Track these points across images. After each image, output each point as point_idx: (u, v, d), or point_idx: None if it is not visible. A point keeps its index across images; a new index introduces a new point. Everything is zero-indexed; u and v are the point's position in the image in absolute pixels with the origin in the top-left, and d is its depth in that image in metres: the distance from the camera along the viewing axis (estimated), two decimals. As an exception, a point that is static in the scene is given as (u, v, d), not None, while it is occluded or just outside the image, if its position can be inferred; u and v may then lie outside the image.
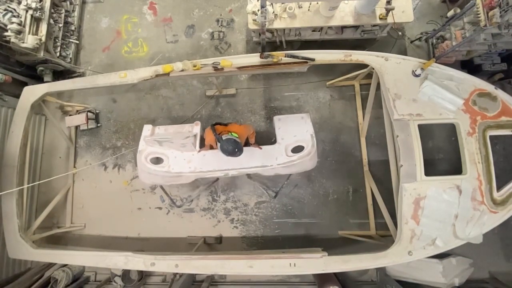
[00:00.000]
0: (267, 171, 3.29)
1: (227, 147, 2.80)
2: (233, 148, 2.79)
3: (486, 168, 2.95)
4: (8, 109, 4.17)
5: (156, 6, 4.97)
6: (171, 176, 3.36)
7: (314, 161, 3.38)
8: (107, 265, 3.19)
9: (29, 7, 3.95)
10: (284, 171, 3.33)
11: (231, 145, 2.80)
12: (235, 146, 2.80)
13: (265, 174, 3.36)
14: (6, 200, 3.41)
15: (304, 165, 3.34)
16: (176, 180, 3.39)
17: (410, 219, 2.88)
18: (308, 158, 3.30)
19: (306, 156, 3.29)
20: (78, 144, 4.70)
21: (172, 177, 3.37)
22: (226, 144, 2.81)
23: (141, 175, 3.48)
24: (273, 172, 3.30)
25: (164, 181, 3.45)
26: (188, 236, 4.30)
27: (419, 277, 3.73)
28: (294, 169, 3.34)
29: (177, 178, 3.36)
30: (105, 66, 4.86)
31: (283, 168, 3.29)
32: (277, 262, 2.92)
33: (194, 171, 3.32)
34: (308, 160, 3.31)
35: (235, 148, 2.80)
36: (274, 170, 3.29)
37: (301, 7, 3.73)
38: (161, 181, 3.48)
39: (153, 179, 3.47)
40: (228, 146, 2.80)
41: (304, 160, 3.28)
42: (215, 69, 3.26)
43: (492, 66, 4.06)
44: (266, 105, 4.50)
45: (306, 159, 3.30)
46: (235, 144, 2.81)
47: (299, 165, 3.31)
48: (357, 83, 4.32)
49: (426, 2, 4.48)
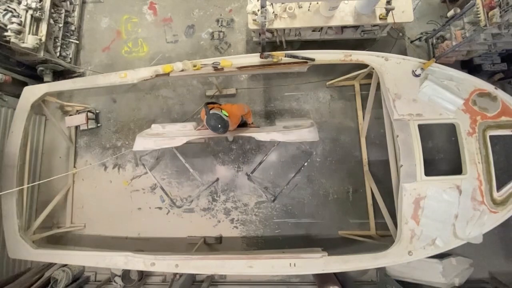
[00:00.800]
0: (261, 136, 3.12)
1: (209, 121, 2.78)
2: (216, 123, 2.76)
3: (486, 168, 2.95)
4: (8, 109, 4.17)
5: (156, 6, 4.98)
6: (163, 139, 3.29)
7: (314, 134, 3.20)
8: (107, 265, 3.19)
9: (29, 7, 3.95)
10: (279, 137, 3.15)
11: (214, 120, 2.76)
12: (218, 122, 2.76)
13: (259, 139, 3.14)
14: (6, 200, 3.41)
15: (302, 134, 3.17)
16: (168, 143, 3.26)
17: (410, 219, 2.88)
18: (307, 130, 3.17)
19: (304, 128, 3.18)
20: (78, 144, 4.71)
21: (164, 140, 3.28)
22: (210, 118, 2.78)
23: (135, 143, 3.36)
24: (269, 137, 3.12)
25: (156, 145, 3.30)
26: (188, 236, 4.30)
27: (419, 277, 3.73)
28: (292, 136, 3.17)
29: (170, 141, 3.24)
30: (105, 66, 4.86)
31: (278, 133, 3.15)
32: (277, 262, 2.92)
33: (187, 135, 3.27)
34: (306, 131, 3.17)
35: (218, 124, 2.76)
36: (270, 135, 3.13)
37: (301, 7, 3.73)
38: (152, 145, 3.32)
39: (145, 143, 3.33)
40: (210, 120, 2.77)
41: (302, 131, 3.15)
42: (215, 69, 3.26)
43: (492, 66, 4.05)
44: (266, 105, 4.50)
45: (304, 130, 3.16)
46: (219, 120, 2.77)
47: (296, 133, 3.18)
48: (357, 83, 4.32)
49: (426, 2, 4.48)
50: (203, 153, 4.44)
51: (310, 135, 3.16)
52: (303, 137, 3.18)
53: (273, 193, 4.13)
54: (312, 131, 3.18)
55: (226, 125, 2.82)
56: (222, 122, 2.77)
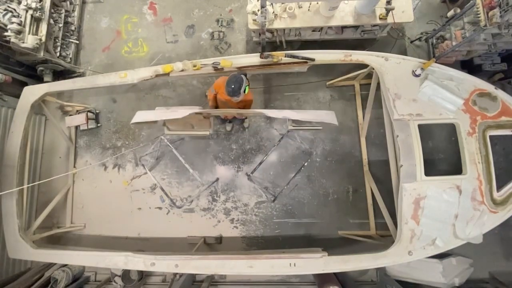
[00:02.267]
0: (273, 113, 2.99)
1: (230, 79, 2.84)
2: (232, 83, 2.83)
3: (486, 168, 2.96)
4: (8, 109, 4.17)
5: (156, 6, 4.97)
6: (165, 111, 3.26)
7: (333, 117, 3.04)
8: (107, 265, 3.19)
9: (29, 7, 3.95)
10: (293, 115, 2.98)
11: (234, 78, 2.84)
12: (234, 81, 2.84)
13: (270, 115, 3.01)
14: (6, 200, 3.41)
15: (320, 114, 3.02)
16: (170, 115, 3.20)
17: (410, 219, 2.88)
18: (324, 111, 3.04)
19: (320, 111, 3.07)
20: (78, 144, 4.70)
21: (166, 112, 3.24)
22: (232, 77, 2.85)
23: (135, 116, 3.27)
24: (281, 114, 2.99)
25: (156, 116, 3.25)
26: (188, 236, 4.30)
27: (419, 277, 3.73)
28: (308, 115, 3.03)
29: (172, 113, 3.19)
30: (105, 66, 4.86)
31: (292, 111, 3.01)
32: (277, 262, 2.92)
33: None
34: (324, 112, 3.02)
35: (232, 84, 2.83)
36: (282, 113, 3.00)
37: (301, 7, 3.73)
38: (153, 116, 3.26)
39: (145, 114, 3.26)
40: (231, 79, 2.84)
41: (318, 111, 3.04)
42: (215, 69, 3.26)
43: (492, 66, 4.06)
44: (266, 105, 4.50)
45: (321, 111, 3.03)
46: (240, 83, 2.84)
47: (312, 112, 3.08)
48: (357, 83, 4.32)
49: (426, 2, 4.48)
50: (203, 153, 4.45)
51: (328, 117, 2.99)
52: (320, 117, 3.00)
53: (273, 193, 4.12)
54: (330, 114, 3.03)
55: (240, 89, 2.85)
56: (238, 83, 2.83)
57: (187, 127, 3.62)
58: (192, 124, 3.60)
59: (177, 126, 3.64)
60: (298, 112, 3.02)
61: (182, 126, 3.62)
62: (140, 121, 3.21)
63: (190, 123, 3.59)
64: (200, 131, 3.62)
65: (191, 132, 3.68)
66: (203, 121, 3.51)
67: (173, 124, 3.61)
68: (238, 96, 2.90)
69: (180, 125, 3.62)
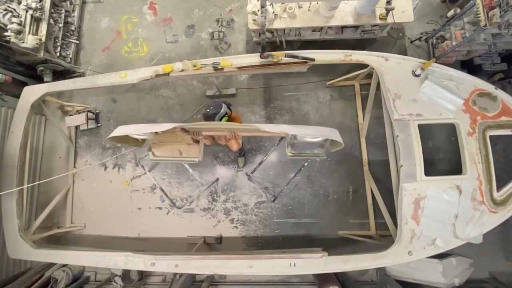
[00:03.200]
0: (270, 127, 2.62)
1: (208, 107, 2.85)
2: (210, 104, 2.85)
3: (486, 168, 2.95)
4: (8, 109, 4.17)
5: (156, 6, 4.97)
6: (147, 125, 3.08)
7: (336, 134, 2.67)
8: (107, 265, 3.19)
9: (29, 7, 3.95)
10: (292, 130, 2.65)
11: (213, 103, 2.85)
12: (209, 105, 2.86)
13: (267, 130, 2.59)
14: (6, 200, 3.41)
15: (323, 131, 2.73)
16: (151, 128, 2.97)
17: (410, 219, 2.88)
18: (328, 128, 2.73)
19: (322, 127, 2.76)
20: (78, 144, 4.70)
21: (148, 126, 3.05)
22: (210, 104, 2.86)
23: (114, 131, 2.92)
24: (278, 129, 2.67)
25: (137, 129, 2.97)
26: (188, 236, 4.30)
27: (419, 277, 3.73)
28: (309, 130, 2.77)
29: (155, 127, 2.94)
30: (105, 66, 4.86)
31: (291, 126, 2.69)
32: (277, 262, 2.92)
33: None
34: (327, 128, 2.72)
35: (209, 106, 2.85)
36: (280, 128, 2.69)
37: (301, 7, 3.73)
38: (133, 130, 2.96)
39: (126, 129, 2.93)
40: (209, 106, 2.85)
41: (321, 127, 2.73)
42: (215, 69, 3.26)
43: (492, 66, 4.06)
44: (266, 105, 4.50)
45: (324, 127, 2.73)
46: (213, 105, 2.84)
47: (314, 128, 2.84)
48: (357, 83, 4.32)
49: (426, 2, 4.48)
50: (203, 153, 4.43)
51: (333, 133, 2.68)
52: (323, 133, 2.73)
53: (273, 193, 4.13)
54: (334, 131, 2.73)
55: (215, 112, 2.83)
56: (212, 106, 2.84)
57: (174, 153, 3.27)
58: (180, 150, 3.29)
59: (163, 152, 3.30)
60: (298, 127, 2.70)
61: (169, 151, 3.28)
62: (118, 134, 2.86)
63: (177, 149, 3.28)
64: (188, 158, 3.26)
65: (178, 158, 3.31)
66: (193, 146, 3.26)
67: (160, 149, 3.29)
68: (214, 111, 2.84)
69: (167, 151, 3.28)
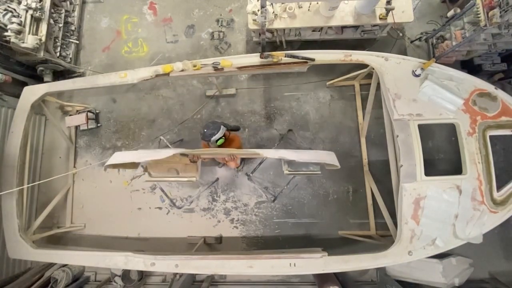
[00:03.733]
0: (269, 153, 2.76)
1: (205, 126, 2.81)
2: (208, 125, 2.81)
3: (486, 168, 2.95)
4: (8, 109, 4.17)
5: (156, 6, 4.97)
6: (146, 152, 3.05)
7: (333, 157, 2.85)
8: (107, 265, 3.18)
9: (29, 7, 3.95)
10: (291, 155, 2.74)
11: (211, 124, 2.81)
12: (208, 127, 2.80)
13: (266, 156, 2.77)
14: (6, 200, 3.41)
15: (320, 154, 2.84)
16: (151, 155, 2.93)
17: (410, 219, 2.88)
18: (325, 152, 2.90)
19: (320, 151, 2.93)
20: (78, 144, 4.70)
21: (148, 153, 3.02)
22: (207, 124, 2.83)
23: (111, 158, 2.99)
24: (277, 154, 2.75)
25: (135, 157, 2.98)
26: (188, 236, 4.30)
27: (419, 277, 3.73)
28: (306, 155, 2.83)
29: (154, 154, 2.91)
30: (105, 66, 4.86)
31: (289, 151, 2.80)
32: (277, 262, 2.92)
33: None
34: (324, 152, 2.86)
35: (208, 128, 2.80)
36: (278, 153, 2.76)
37: (301, 7, 3.73)
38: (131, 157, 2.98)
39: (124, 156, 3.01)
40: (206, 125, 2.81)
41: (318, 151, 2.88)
42: (215, 69, 3.25)
43: (492, 66, 4.05)
44: (266, 105, 4.50)
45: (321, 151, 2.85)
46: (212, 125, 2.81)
47: (312, 152, 2.92)
48: (357, 83, 4.32)
49: (426, 2, 4.48)
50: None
51: (329, 157, 2.81)
52: (320, 157, 2.82)
53: (273, 193, 4.14)
54: (331, 154, 2.87)
55: (213, 133, 2.79)
56: (211, 126, 2.80)
57: (171, 173, 3.28)
58: (177, 169, 3.28)
59: (160, 172, 3.30)
60: (296, 152, 2.80)
61: (165, 171, 3.28)
62: (117, 162, 2.89)
63: (174, 168, 3.28)
64: (185, 177, 3.26)
65: (175, 178, 3.33)
66: (190, 166, 3.23)
67: (156, 169, 3.30)
68: (208, 141, 2.83)
69: (163, 171, 3.29)
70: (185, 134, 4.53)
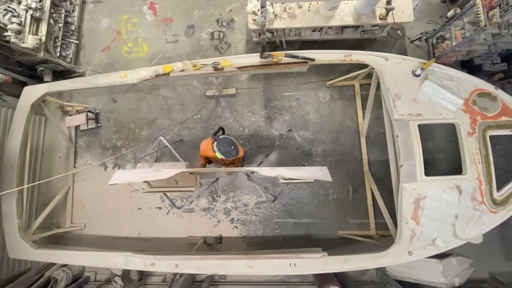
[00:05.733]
0: (266, 171, 2.92)
1: (221, 146, 2.84)
2: (228, 147, 2.84)
3: (486, 168, 2.95)
4: (8, 109, 4.17)
5: (156, 6, 4.97)
6: (147, 171, 3.09)
7: (326, 173, 2.98)
8: (107, 265, 3.19)
9: (29, 7, 3.95)
10: (287, 172, 2.96)
11: (226, 143, 2.84)
12: (230, 144, 2.85)
13: (263, 174, 2.93)
14: (6, 200, 3.41)
15: (314, 171, 3.00)
16: (152, 175, 3.01)
17: (410, 219, 2.88)
18: (318, 168, 3.07)
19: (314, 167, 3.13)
20: (78, 144, 4.70)
21: (149, 172, 3.09)
22: (221, 142, 2.85)
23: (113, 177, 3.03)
24: (274, 172, 2.92)
25: (137, 177, 3.06)
26: (188, 236, 4.30)
27: (419, 277, 3.73)
28: (303, 173, 3.03)
29: (155, 173, 2.99)
30: (105, 66, 4.86)
31: (286, 169, 3.02)
32: (277, 262, 2.92)
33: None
34: (317, 169, 3.02)
35: (231, 146, 2.85)
36: (275, 171, 2.96)
37: (301, 7, 3.73)
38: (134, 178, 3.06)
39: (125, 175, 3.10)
40: (222, 145, 2.84)
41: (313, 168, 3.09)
42: (215, 69, 3.26)
43: (492, 66, 4.05)
44: (266, 105, 4.50)
45: (315, 168, 3.09)
46: (231, 142, 2.86)
47: (307, 169, 3.12)
48: (357, 83, 4.32)
49: (426, 2, 4.48)
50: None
51: (322, 173, 2.97)
52: (314, 174, 3.00)
53: (273, 193, 4.14)
54: (323, 170, 3.03)
55: (237, 148, 2.89)
56: (233, 144, 2.87)
57: (170, 183, 3.38)
58: (176, 180, 3.38)
59: (159, 183, 3.39)
60: (292, 170, 3.03)
61: (165, 182, 3.37)
62: (118, 182, 2.94)
63: (174, 179, 3.38)
64: (184, 188, 3.36)
65: (174, 188, 3.43)
66: (188, 176, 3.38)
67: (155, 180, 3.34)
68: (236, 153, 2.88)
69: (162, 182, 3.36)
70: (185, 134, 4.53)
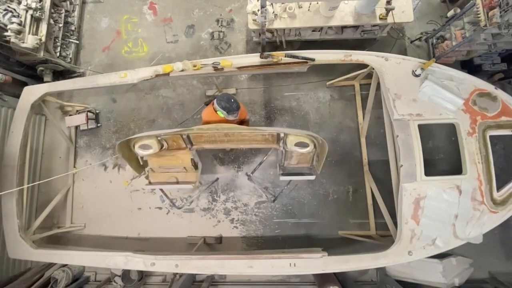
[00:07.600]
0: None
1: (221, 102, 2.78)
2: (228, 101, 2.77)
3: (486, 168, 2.95)
4: (8, 109, 4.17)
5: (156, 6, 4.97)
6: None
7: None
8: (107, 265, 3.19)
9: (29, 7, 3.95)
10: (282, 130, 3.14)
11: (226, 98, 2.78)
12: (231, 98, 2.79)
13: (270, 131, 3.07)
14: (6, 200, 3.41)
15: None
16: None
17: (410, 219, 2.88)
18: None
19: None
20: (78, 144, 4.70)
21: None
22: (221, 98, 2.79)
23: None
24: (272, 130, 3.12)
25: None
26: (188, 236, 4.30)
27: (419, 277, 3.73)
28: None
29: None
30: (105, 66, 4.86)
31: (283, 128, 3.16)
32: (277, 262, 2.92)
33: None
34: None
35: (231, 99, 2.78)
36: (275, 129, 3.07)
37: (301, 7, 3.73)
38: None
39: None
40: (222, 101, 2.78)
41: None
42: (215, 69, 3.26)
43: (492, 66, 4.06)
44: (266, 105, 4.50)
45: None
46: (231, 97, 2.81)
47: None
48: (357, 83, 4.32)
49: (426, 2, 4.48)
50: (203, 153, 4.44)
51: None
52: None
53: (273, 193, 4.14)
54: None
55: (237, 101, 2.82)
56: (232, 97, 2.80)
57: (171, 180, 3.44)
58: (176, 177, 3.45)
59: (160, 179, 3.48)
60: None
61: (165, 179, 3.44)
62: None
63: (174, 176, 3.44)
64: (185, 184, 3.43)
65: (175, 186, 3.52)
66: (189, 173, 3.40)
67: (156, 176, 3.48)
68: (236, 112, 2.84)
69: (163, 178, 3.45)
70: (185, 134, 4.52)
